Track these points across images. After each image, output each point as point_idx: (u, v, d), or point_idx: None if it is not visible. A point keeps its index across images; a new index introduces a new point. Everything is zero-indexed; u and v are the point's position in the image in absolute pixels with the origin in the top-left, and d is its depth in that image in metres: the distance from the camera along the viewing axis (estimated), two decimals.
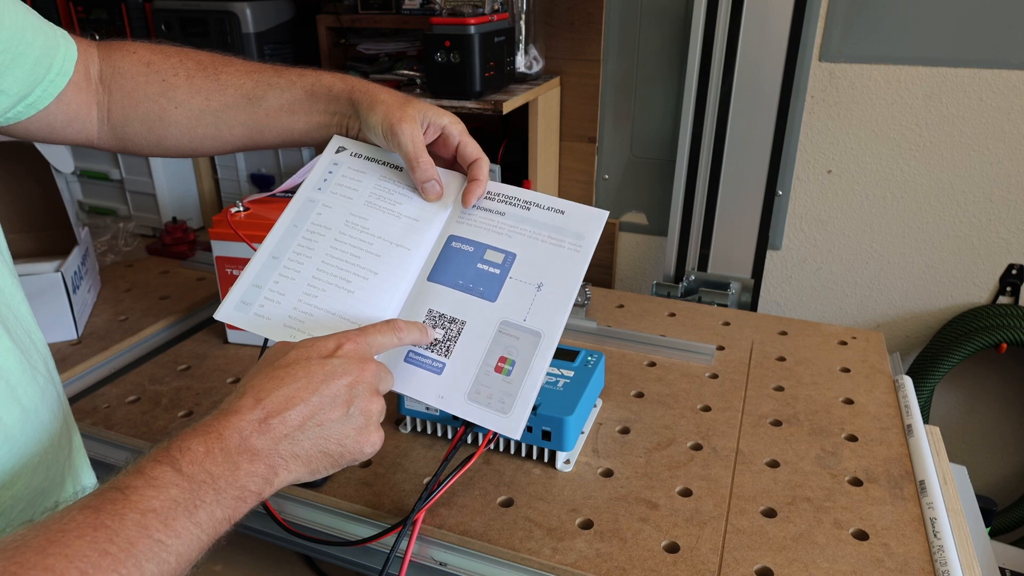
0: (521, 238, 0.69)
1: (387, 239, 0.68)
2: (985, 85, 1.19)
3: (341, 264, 0.67)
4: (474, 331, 0.65)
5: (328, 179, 0.71)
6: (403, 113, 0.66)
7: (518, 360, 0.63)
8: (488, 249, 0.68)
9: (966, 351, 1.27)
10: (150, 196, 1.49)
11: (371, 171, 0.72)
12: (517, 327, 0.65)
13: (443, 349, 0.65)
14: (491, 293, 0.67)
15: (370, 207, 0.70)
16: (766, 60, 1.24)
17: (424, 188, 0.70)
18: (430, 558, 0.74)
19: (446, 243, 0.69)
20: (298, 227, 0.69)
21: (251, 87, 0.71)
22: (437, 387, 0.64)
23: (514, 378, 0.63)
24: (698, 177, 1.34)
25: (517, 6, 1.31)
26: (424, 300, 0.66)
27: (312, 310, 0.64)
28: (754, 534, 0.72)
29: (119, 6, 1.32)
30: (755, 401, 0.95)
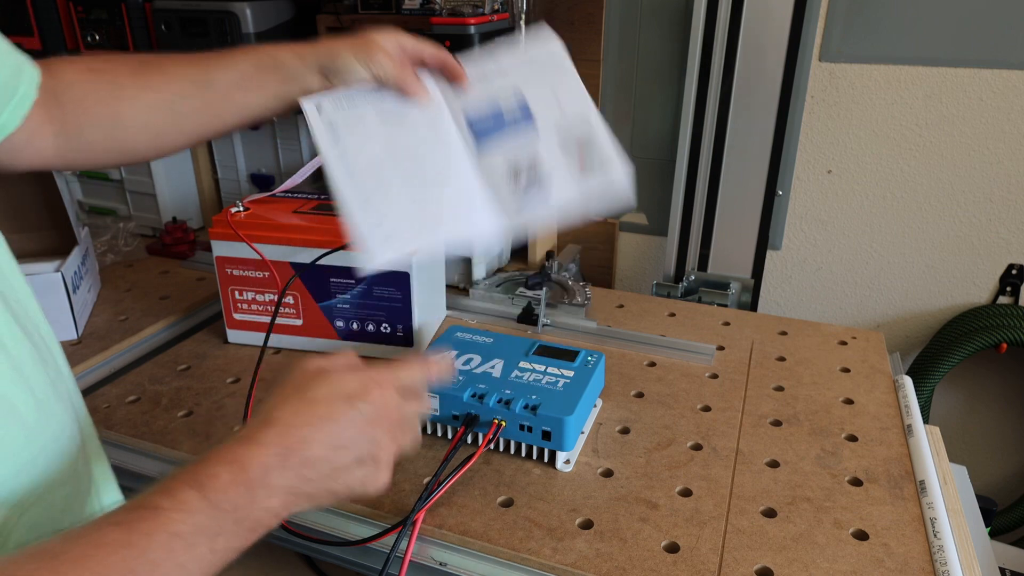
0: (512, 78, 0.78)
1: (422, 143, 0.74)
2: (985, 85, 1.19)
3: (416, 177, 0.73)
4: (545, 151, 0.75)
5: (338, 131, 0.72)
6: (370, 44, 0.71)
7: (588, 136, 0.76)
8: (499, 102, 0.77)
9: (966, 351, 1.27)
10: (150, 196, 1.49)
11: (362, 104, 0.74)
12: (568, 124, 0.76)
13: (534, 179, 0.75)
14: (527, 119, 0.76)
15: (390, 128, 0.74)
16: (766, 60, 1.24)
17: (419, 96, 0.74)
18: (430, 558, 0.74)
19: (469, 124, 0.76)
20: (353, 175, 0.71)
21: (197, 73, 0.70)
22: (542, 200, 0.74)
23: (594, 148, 0.75)
24: (698, 177, 1.34)
25: (517, 6, 1.31)
26: (488, 166, 0.75)
27: (424, 214, 0.72)
28: (754, 534, 0.72)
29: (119, 6, 1.32)
30: (755, 401, 0.95)
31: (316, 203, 1.08)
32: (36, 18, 1.37)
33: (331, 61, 0.71)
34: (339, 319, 1.04)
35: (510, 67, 0.78)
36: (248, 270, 1.03)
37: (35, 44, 1.39)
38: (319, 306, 1.04)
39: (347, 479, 0.51)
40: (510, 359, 0.90)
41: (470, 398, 0.82)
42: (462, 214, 0.73)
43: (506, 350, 0.92)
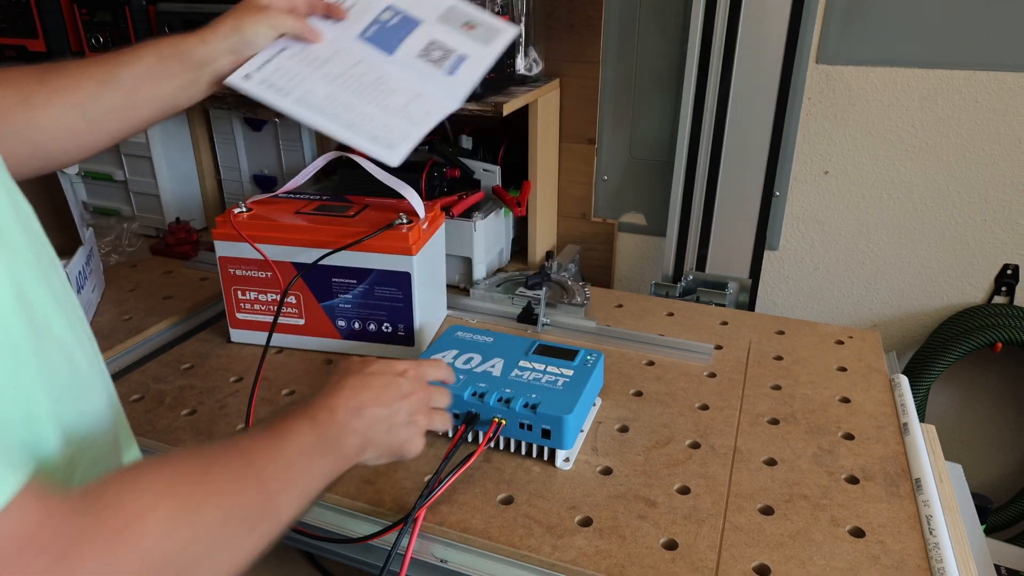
0: (377, 1, 0.90)
1: (350, 68, 0.84)
2: (980, 87, 1.20)
3: (367, 93, 0.83)
4: (444, 36, 0.90)
5: (278, 87, 0.80)
6: (258, 7, 0.79)
7: (467, 18, 0.92)
8: (379, 17, 0.89)
9: (962, 350, 1.28)
10: (154, 197, 1.50)
11: (280, 63, 0.82)
12: (443, 13, 0.91)
13: (449, 53, 0.89)
14: (412, 22, 0.90)
15: (319, 68, 0.83)
16: (763, 62, 1.25)
17: (315, 36, 0.84)
18: (431, 555, 0.75)
19: (367, 41, 0.87)
20: (323, 111, 0.80)
21: (103, 72, 0.72)
22: (473, 65, 0.89)
23: (479, 22, 0.92)
24: (696, 178, 1.35)
25: (517, 9, 1.32)
26: (406, 61, 0.87)
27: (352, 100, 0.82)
28: (752, 531, 0.73)
29: (123, 9, 1.33)
30: (753, 400, 0.96)
31: (318, 204, 1.09)
32: (41, 21, 1.38)
33: (240, 36, 0.77)
34: (341, 319, 1.05)
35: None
36: (251, 270, 1.04)
37: (39, 47, 1.40)
38: (321, 306, 1.05)
39: (398, 435, 0.67)
40: (510, 358, 0.91)
41: (470, 397, 0.83)
42: (423, 99, 0.85)
43: (506, 349, 0.93)
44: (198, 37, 0.76)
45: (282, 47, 0.82)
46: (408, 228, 1.00)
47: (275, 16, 0.79)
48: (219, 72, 0.77)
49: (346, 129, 0.79)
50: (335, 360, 1.06)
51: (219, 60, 0.77)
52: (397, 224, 1.00)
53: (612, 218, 1.51)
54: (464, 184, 1.33)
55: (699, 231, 1.39)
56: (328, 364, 1.05)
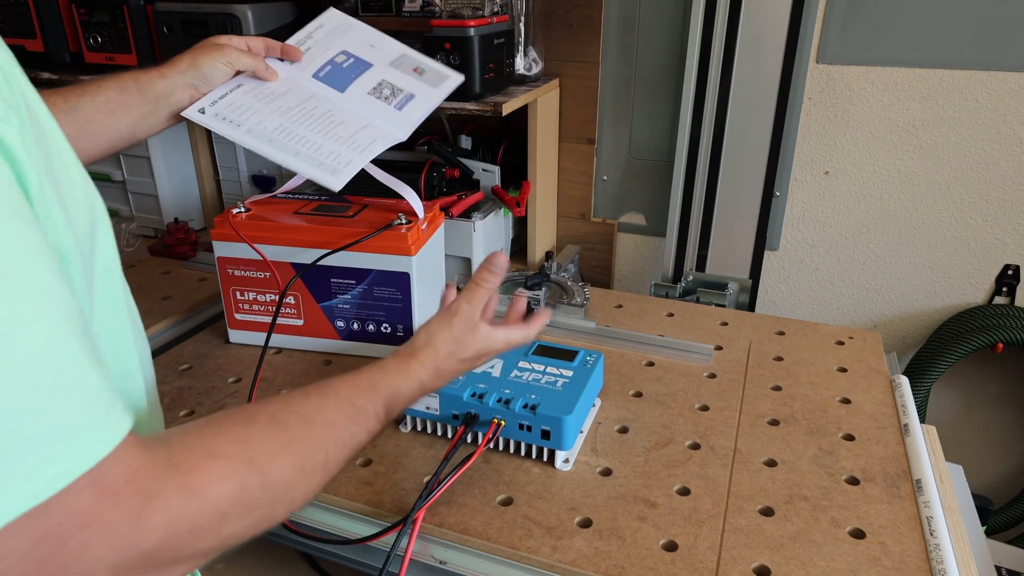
0: (334, 44, 0.98)
1: (302, 102, 0.90)
2: (981, 87, 1.20)
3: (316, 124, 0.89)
4: (393, 78, 0.97)
5: (232, 120, 0.84)
6: (216, 46, 0.84)
7: (416, 64, 1.01)
8: (333, 59, 0.96)
9: (962, 351, 1.28)
10: (152, 197, 1.49)
11: (235, 98, 0.86)
12: (394, 59, 1.00)
13: (397, 91, 0.96)
14: (364, 64, 0.97)
15: (270, 103, 0.88)
16: (764, 62, 1.25)
17: (270, 74, 0.90)
18: (430, 556, 0.75)
19: (320, 80, 0.93)
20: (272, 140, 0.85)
21: (62, 102, 0.75)
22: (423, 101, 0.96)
23: (427, 68, 1.01)
24: (696, 178, 1.35)
25: (516, 8, 1.32)
26: (357, 97, 0.94)
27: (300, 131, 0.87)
28: (752, 533, 0.73)
29: (121, 8, 1.32)
30: (753, 401, 0.96)
31: (317, 204, 1.09)
32: (39, 20, 1.38)
33: (197, 71, 0.82)
34: (340, 319, 1.05)
35: (323, 38, 0.98)
36: (249, 270, 1.04)
37: (38, 46, 1.40)
38: (320, 306, 1.05)
39: None
40: (510, 359, 0.91)
41: (470, 397, 0.83)
42: (369, 130, 0.90)
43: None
44: (157, 72, 0.80)
45: (238, 83, 0.87)
46: (407, 228, 0.99)
47: (231, 54, 0.84)
48: (177, 105, 0.82)
49: (292, 156, 0.84)
50: (334, 361, 1.05)
51: (177, 94, 0.81)
52: (396, 224, 1.00)
53: (612, 218, 1.50)
54: (463, 184, 1.33)
55: (699, 231, 1.39)
56: (327, 365, 1.05)
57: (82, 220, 0.44)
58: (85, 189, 0.45)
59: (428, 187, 1.26)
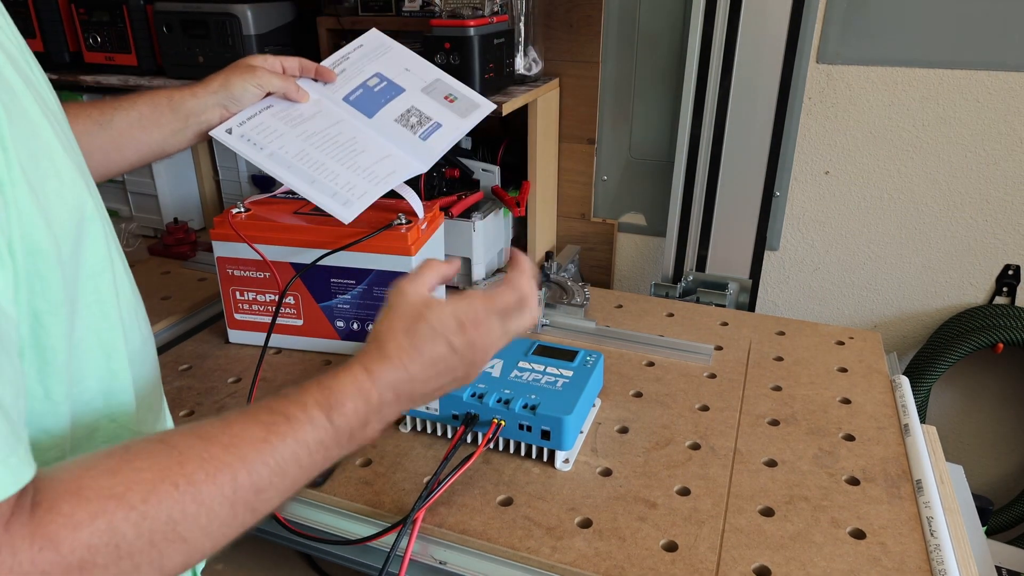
0: (368, 67, 0.98)
1: (328, 127, 0.90)
2: (981, 87, 1.20)
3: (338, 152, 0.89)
4: (423, 105, 0.97)
5: (256, 142, 0.85)
6: (248, 67, 0.86)
7: (449, 92, 1.00)
8: (366, 82, 0.96)
9: (962, 351, 1.28)
10: (151, 197, 1.49)
11: (262, 119, 0.87)
12: (427, 85, 0.99)
13: (424, 120, 0.96)
14: (396, 89, 0.97)
15: (296, 127, 0.88)
16: (764, 62, 1.25)
17: (301, 96, 0.90)
18: (430, 556, 0.75)
19: (349, 104, 0.94)
20: (291, 167, 0.85)
21: (98, 114, 0.77)
22: (450, 130, 0.96)
23: (458, 97, 1.00)
24: (696, 178, 1.35)
25: (516, 8, 1.32)
26: (383, 124, 0.93)
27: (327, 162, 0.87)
28: (752, 533, 0.73)
29: (121, 8, 1.32)
30: (753, 401, 0.96)
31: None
32: (38, 20, 1.38)
33: (228, 92, 0.84)
34: (339, 319, 1.05)
35: (359, 59, 0.98)
36: (249, 270, 1.04)
37: (38, 47, 1.39)
38: (320, 306, 1.05)
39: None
40: (509, 359, 0.91)
41: (470, 397, 0.83)
42: (389, 161, 0.90)
43: (505, 350, 0.92)
44: (190, 91, 0.82)
45: (268, 104, 0.89)
46: (407, 228, 0.99)
47: (263, 76, 0.86)
48: (207, 124, 0.84)
49: (308, 184, 0.85)
50: (334, 361, 1.05)
51: (207, 113, 0.83)
52: (396, 224, 1.00)
53: (612, 218, 1.50)
54: (463, 184, 1.33)
55: (699, 231, 1.39)
56: (326, 365, 1.05)
57: (66, 220, 0.44)
58: (75, 192, 0.46)
59: (428, 187, 1.25)
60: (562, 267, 1.35)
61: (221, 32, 1.28)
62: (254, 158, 0.85)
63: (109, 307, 0.50)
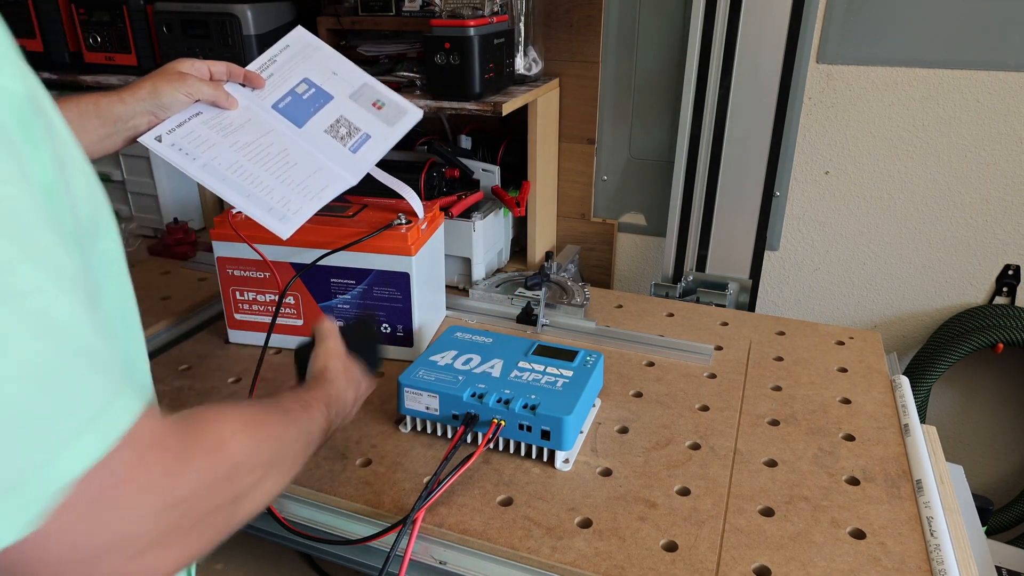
0: (295, 71, 0.96)
1: (258, 137, 0.90)
2: (982, 87, 1.20)
3: (270, 164, 0.89)
4: (351, 114, 0.96)
5: (187, 151, 0.85)
6: (177, 74, 0.85)
7: (376, 97, 0.99)
8: (294, 89, 0.95)
9: (962, 351, 1.28)
10: (151, 197, 1.49)
11: (192, 127, 0.86)
12: (355, 91, 0.98)
13: (354, 131, 0.95)
14: (325, 96, 0.96)
15: (228, 136, 0.88)
16: (764, 62, 1.25)
17: (230, 104, 0.89)
18: (430, 556, 0.75)
19: (279, 112, 0.93)
20: (225, 179, 0.85)
21: None
22: (379, 141, 0.96)
23: (386, 103, 0.99)
24: (696, 178, 1.35)
25: (516, 8, 1.32)
26: (314, 135, 0.93)
27: (260, 174, 0.87)
28: (752, 533, 0.73)
29: (121, 8, 1.32)
30: (753, 401, 0.96)
31: None
32: (38, 20, 1.38)
33: (156, 100, 0.83)
34: (340, 319, 1.05)
35: (286, 62, 0.97)
36: (249, 270, 1.04)
37: (37, 46, 1.39)
38: (320, 306, 1.05)
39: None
40: (509, 359, 0.91)
41: (470, 398, 0.83)
42: (321, 174, 0.91)
43: (505, 350, 0.93)
44: (117, 97, 0.81)
45: (197, 111, 0.87)
46: (407, 228, 0.99)
47: (192, 84, 0.85)
48: (135, 130, 0.83)
49: (244, 198, 0.84)
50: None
51: (136, 119, 0.82)
52: (396, 224, 1.00)
53: (612, 218, 1.50)
54: (463, 184, 1.33)
55: (699, 231, 1.39)
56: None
57: (84, 204, 0.46)
58: (89, 181, 0.47)
59: (428, 187, 1.25)
60: (562, 267, 1.35)
61: (221, 32, 1.28)
62: (187, 168, 0.84)
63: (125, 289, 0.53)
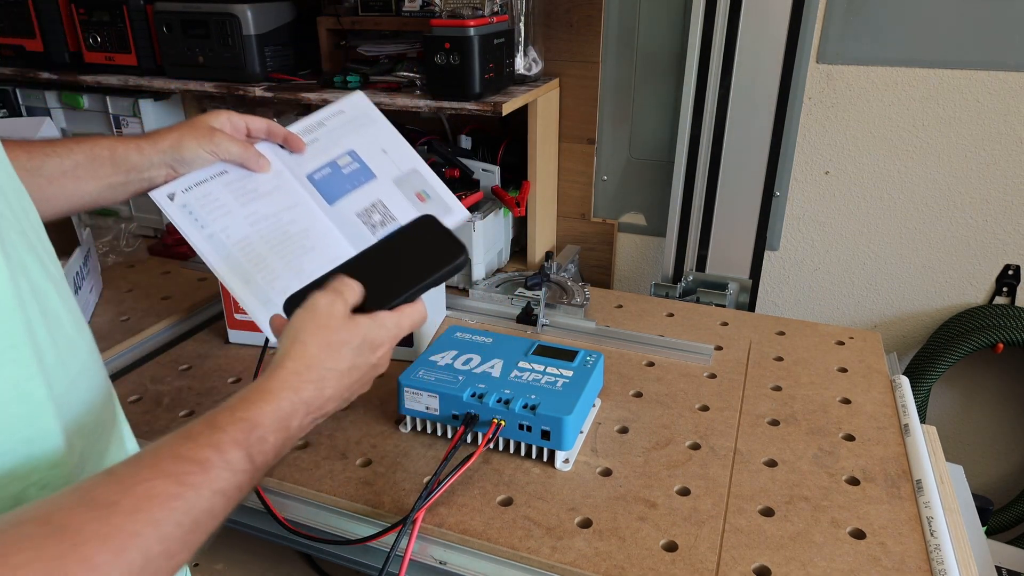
0: (344, 140, 0.86)
1: (281, 210, 0.80)
2: (982, 87, 1.20)
3: (285, 245, 0.78)
4: (391, 200, 0.84)
5: (197, 216, 0.76)
6: (206, 128, 0.76)
7: (423, 187, 0.85)
8: (336, 160, 0.84)
9: (962, 351, 1.28)
10: None
11: (212, 188, 0.78)
12: (402, 175, 0.86)
13: (388, 220, 0.82)
14: (368, 175, 0.85)
15: (247, 204, 0.78)
16: (764, 62, 1.25)
17: (261, 166, 0.80)
18: (430, 556, 0.75)
19: (313, 182, 0.82)
20: (229, 256, 0.75)
21: (25, 159, 0.69)
22: None
23: (433, 196, 0.85)
24: (696, 178, 1.35)
25: (516, 8, 1.32)
26: (343, 217, 0.81)
27: (272, 259, 0.76)
28: (752, 533, 0.73)
29: (121, 8, 1.32)
30: (753, 401, 0.96)
31: None
32: (38, 20, 1.38)
33: (177, 154, 0.74)
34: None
35: (337, 128, 0.86)
36: None
37: (37, 46, 1.40)
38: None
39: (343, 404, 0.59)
40: (509, 359, 0.90)
41: (470, 398, 0.83)
42: None
43: (505, 350, 0.93)
44: (135, 145, 0.74)
45: (222, 170, 0.79)
46: None
47: (220, 142, 0.76)
48: (151, 182, 0.76)
49: (243, 284, 0.74)
50: None
51: (152, 170, 0.75)
52: None
53: (612, 218, 1.50)
54: (463, 184, 1.33)
55: (699, 231, 1.39)
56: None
57: None
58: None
59: None
60: (562, 267, 1.35)
61: (221, 32, 1.28)
62: (190, 236, 0.75)
63: (20, 350, 0.41)
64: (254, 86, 1.32)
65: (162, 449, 0.43)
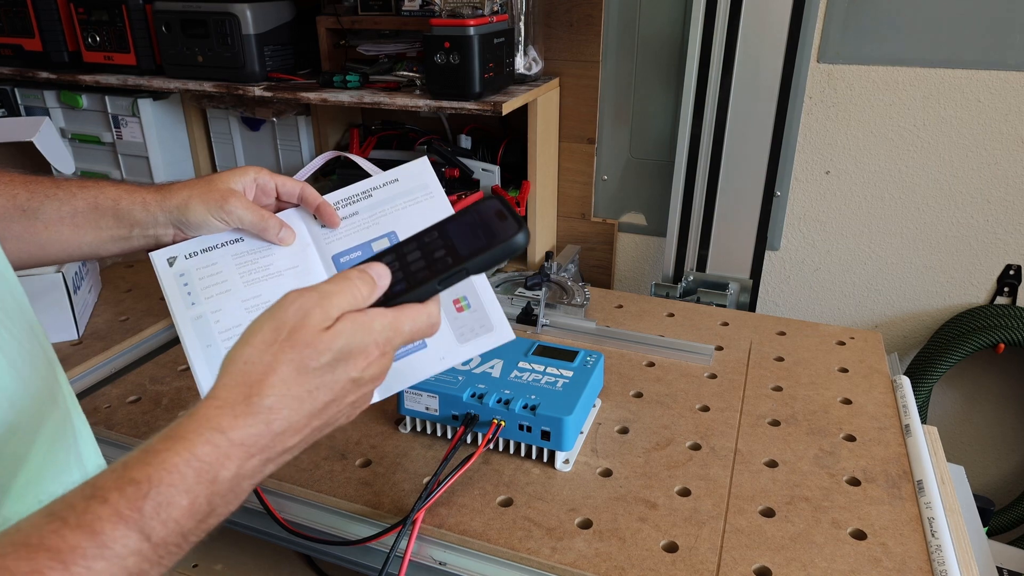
0: (386, 219, 0.71)
1: None
2: (983, 86, 1.20)
3: None
4: None
5: (192, 290, 0.67)
6: (221, 190, 0.66)
7: (466, 293, 0.68)
8: (372, 243, 0.70)
9: (964, 351, 1.28)
10: None
11: (219, 257, 0.69)
12: None
13: None
14: None
15: (252, 285, 0.68)
16: (764, 61, 1.24)
17: (281, 239, 0.69)
18: (430, 557, 0.74)
19: (337, 265, 0.70)
20: (211, 345, 0.65)
21: (26, 197, 0.65)
22: (433, 357, 0.66)
23: (475, 305, 0.68)
24: (697, 178, 1.35)
25: (516, 7, 1.32)
26: None
27: None
28: (752, 534, 0.73)
29: (120, 8, 1.32)
30: (753, 401, 0.95)
31: None
32: (37, 20, 1.38)
33: (182, 215, 0.66)
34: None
35: (385, 200, 0.72)
36: None
37: (36, 46, 1.39)
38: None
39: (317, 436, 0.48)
40: (509, 359, 0.90)
41: (469, 398, 0.83)
42: None
43: (505, 350, 0.92)
44: (141, 200, 0.67)
45: (237, 237, 0.69)
46: None
47: (232, 209, 0.66)
48: (158, 239, 0.69)
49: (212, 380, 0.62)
50: None
51: (157, 228, 0.68)
52: None
53: (612, 218, 1.50)
54: (463, 184, 1.33)
55: (699, 231, 1.39)
56: None
57: None
58: None
59: None
60: (562, 267, 1.35)
61: (220, 31, 1.28)
62: (177, 313, 0.67)
63: None
64: (253, 86, 1.32)
65: (19, 534, 0.33)
